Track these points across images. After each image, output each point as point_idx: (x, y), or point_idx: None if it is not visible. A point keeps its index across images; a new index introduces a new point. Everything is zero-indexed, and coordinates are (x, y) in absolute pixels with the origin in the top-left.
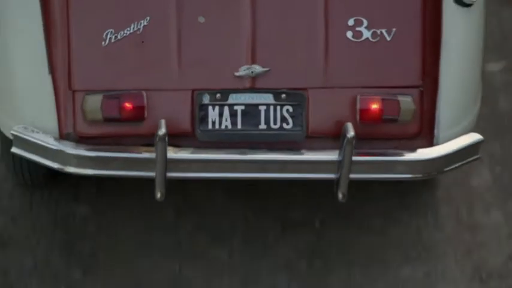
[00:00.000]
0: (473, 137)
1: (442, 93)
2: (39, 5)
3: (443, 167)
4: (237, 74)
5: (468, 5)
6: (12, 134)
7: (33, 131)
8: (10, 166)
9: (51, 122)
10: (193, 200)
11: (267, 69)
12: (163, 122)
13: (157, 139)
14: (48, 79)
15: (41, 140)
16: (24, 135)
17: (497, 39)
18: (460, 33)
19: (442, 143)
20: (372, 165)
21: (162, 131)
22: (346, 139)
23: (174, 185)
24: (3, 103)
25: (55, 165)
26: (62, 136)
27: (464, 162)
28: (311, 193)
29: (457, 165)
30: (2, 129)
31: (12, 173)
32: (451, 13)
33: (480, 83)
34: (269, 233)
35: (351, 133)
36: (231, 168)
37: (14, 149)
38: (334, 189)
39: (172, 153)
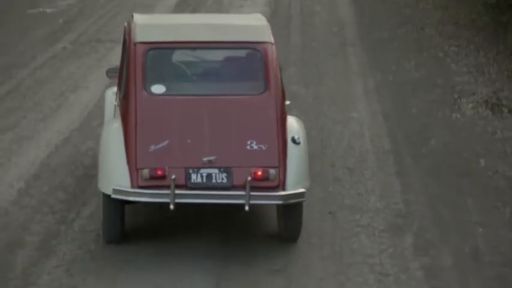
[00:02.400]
0: (301, 190)
1: (288, 171)
2: (123, 134)
3: (289, 200)
4: (203, 160)
5: (298, 143)
6: (113, 189)
7: (120, 186)
8: (106, 221)
9: (127, 182)
10: None
11: (215, 157)
12: (173, 175)
13: (171, 181)
14: (126, 166)
15: (126, 188)
16: (119, 187)
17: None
18: (295, 153)
19: (289, 191)
20: (257, 196)
21: (173, 177)
22: (247, 181)
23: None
24: (103, 178)
25: (131, 198)
26: (133, 187)
27: (299, 200)
28: None
29: (295, 200)
30: (104, 191)
31: (106, 229)
32: (292, 146)
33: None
34: None
35: (249, 178)
36: (200, 197)
37: (113, 195)
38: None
39: (178, 191)
